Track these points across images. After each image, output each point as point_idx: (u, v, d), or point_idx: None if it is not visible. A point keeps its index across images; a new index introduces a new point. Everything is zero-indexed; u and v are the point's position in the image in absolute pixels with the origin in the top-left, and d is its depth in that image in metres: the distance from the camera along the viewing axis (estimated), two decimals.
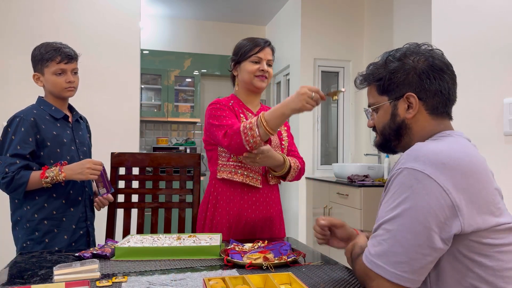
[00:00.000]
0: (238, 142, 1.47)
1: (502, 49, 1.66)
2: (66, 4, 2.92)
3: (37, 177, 1.57)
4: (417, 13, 3.43)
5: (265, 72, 1.66)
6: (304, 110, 1.40)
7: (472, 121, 1.80)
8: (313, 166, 4.30)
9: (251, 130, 1.44)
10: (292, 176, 1.70)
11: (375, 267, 0.88)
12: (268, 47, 1.69)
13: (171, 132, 5.30)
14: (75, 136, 1.75)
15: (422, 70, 0.97)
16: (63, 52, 1.66)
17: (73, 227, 1.69)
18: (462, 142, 0.95)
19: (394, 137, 1.03)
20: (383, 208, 0.91)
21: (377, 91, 1.03)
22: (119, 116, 2.99)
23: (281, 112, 1.42)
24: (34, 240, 1.61)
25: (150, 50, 4.95)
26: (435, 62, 0.98)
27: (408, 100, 0.98)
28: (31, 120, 1.61)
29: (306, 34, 4.26)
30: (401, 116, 1.00)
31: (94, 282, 1.05)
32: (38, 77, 1.69)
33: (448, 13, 1.94)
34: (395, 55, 1.01)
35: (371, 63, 1.06)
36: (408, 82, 0.98)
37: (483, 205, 0.86)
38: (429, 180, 0.85)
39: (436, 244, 0.84)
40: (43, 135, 1.62)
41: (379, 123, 1.05)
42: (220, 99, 1.69)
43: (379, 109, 1.04)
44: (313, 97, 1.39)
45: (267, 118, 1.44)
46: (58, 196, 1.65)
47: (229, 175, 1.62)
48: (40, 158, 1.63)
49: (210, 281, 0.97)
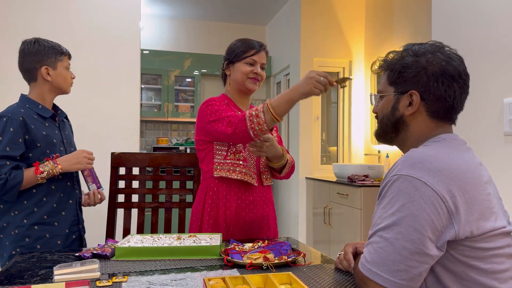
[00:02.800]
0: (243, 130, 1.47)
1: (502, 49, 1.66)
2: (66, 4, 2.92)
3: (31, 174, 1.51)
4: (417, 13, 3.43)
5: (258, 75, 1.67)
6: (312, 94, 1.42)
7: (472, 121, 1.80)
8: (313, 166, 4.30)
9: (257, 117, 1.45)
10: (287, 171, 1.73)
11: (373, 275, 0.87)
12: (263, 51, 1.69)
13: (171, 132, 5.31)
14: (63, 136, 1.70)
15: (433, 72, 0.96)
16: (65, 48, 1.70)
17: (66, 232, 1.63)
18: (457, 147, 0.95)
19: (391, 129, 1.03)
20: (379, 214, 0.90)
21: (387, 80, 1.03)
22: (119, 116, 2.99)
23: (289, 97, 1.44)
24: (25, 247, 1.53)
25: (150, 50, 4.95)
26: (448, 67, 0.95)
27: (410, 97, 0.98)
28: (19, 119, 1.52)
29: (306, 34, 4.26)
30: (401, 111, 1.00)
31: (94, 282, 1.05)
32: (47, 71, 1.63)
33: (448, 13, 1.94)
34: (414, 49, 1.00)
35: (392, 51, 1.05)
36: (416, 80, 0.97)
37: (478, 211, 0.86)
38: (426, 188, 0.85)
39: (432, 251, 0.84)
40: (33, 136, 1.55)
41: (381, 111, 1.05)
42: (214, 98, 1.69)
43: (384, 98, 1.04)
44: (322, 81, 1.40)
45: (274, 104, 1.45)
46: (48, 199, 1.58)
47: (227, 173, 1.62)
48: (29, 160, 1.55)
49: (210, 281, 0.97)
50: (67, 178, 1.66)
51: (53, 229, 1.59)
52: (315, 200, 4.08)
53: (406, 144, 1.02)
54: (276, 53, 5.09)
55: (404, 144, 1.03)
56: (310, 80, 1.40)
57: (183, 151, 5.00)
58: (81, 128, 2.48)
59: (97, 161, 2.53)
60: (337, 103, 4.48)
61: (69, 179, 1.67)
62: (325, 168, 4.34)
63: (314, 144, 4.30)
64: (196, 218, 1.68)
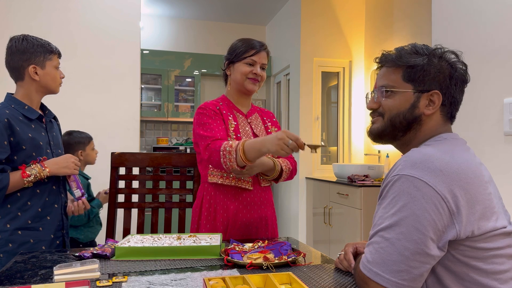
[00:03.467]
0: (216, 160, 1.49)
1: (502, 49, 1.66)
2: (66, 4, 2.92)
3: (18, 177, 1.46)
4: (417, 13, 3.43)
5: (257, 75, 1.65)
6: (278, 155, 1.40)
7: (472, 121, 1.80)
8: (313, 166, 4.30)
9: (229, 154, 1.45)
10: (284, 178, 1.70)
11: (374, 275, 0.87)
12: (264, 51, 1.66)
13: (171, 132, 5.31)
14: (50, 138, 1.64)
15: (455, 76, 0.98)
16: (55, 47, 1.64)
17: (51, 237, 1.57)
18: (458, 146, 0.95)
19: (403, 127, 1.00)
20: (380, 214, 0.90)
21: (403, 76, 1.00)
22: (119, 116, 2.99)
23: (258, 148, 1.43)
24: (9, 253, 1.47)
25: (150, 50, 4.95)
26: (465, 74, 1.01)
27: (431, 96, 0.98)
28: (4, 121, 1.46)
29: (306, 34, 4.26)
30: (421, 110, 0.99)
31: (94, 282, 1.05)
32: (35, 70, 1.57)
33: (448, 13, 1.94)
34: (435, 51, 1.00)
35: (400, 47, 1.03)
36: (439, 80, 0.98)
37: (479, 211, 0.86)
38: (427, 188, 0.84)
39: (433, 252, 0.84)
40: (18, 138, 1.49)
41: (392, 109, 1.00)
42: (208, 103, 1.67)
43: (396, 94, 1.00)
44: (290, 144, 1.37)
45: (246, 148, 1.44)
46: (33, 203, 1.53)
47: (221, 180, 1.62)
48: (14, 163, 1.50)
49: (210, 281, 0.97)
50: (52, 181, 1.61)
51: (38, 234, 1.54)
52: (315, 200, 4.08)
53: (412, 143, 1.01)
54: (276, 53, 5.09)
55: (408, 143, 1.02)
56: (279, 141, 1.37)
57: (183, 151, 5.00)
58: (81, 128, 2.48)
59: (97, 161, 2.55)
60: (337, 103, 4.48)
61: (54, 183, 1.62)
62: (325, 168, 4.34)
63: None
64: (194, 220, 1.69)
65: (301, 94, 4.27)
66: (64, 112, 2.02)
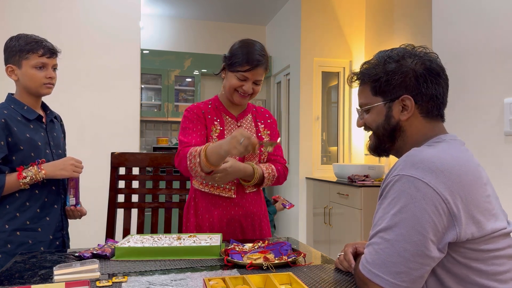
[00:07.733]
0: (184, 166, 1.48)
1: (502, 49, 1.66)
2: (66, 4, 2.92)
3: (14, 179, 1.45)
4: (417, 13, 3.43)
5: (245, 92, 1.57)
6: (232, 153, 1.36)
7: (472, 121, 1.80)
8: (313, 166, 4.30)
9: (194, 158, 1.44)
10: (268, 184, 1.65)
11: (373, 276, 0.87)
12: (260, 67, 1.54)
13: (171, 132, 5.31)
14: (50, 138, 1.62)
15: (420, 74, 0.96)
16: (45, 46, 1.55)
17: (50, 238, 1.56)
18: (458, 148, 0.95)
19: (388, 138, 1.02)
20: (380, 215, 0.90)
21: (371, 91, 1.01)
22: (119, 116, 2.99)
23: (217, 151, 1.40)
24: (7, 253, 1.46)
25: (150, 50, 4.95)
26: (432, 66, 0.97)
27: (403, 102, 0.97)
28: (1, 121, 1.46)
29: (306, 34, 4.26)
30: (396, 118, 0.99)
31: (94, 282, 1.05)
32: (12, 70, 1.53)
33: (448, 13, 1.93)
34: (392, 55, 0.99)
35: (365, 62, 1.04)
36: (405, 84, 0.97)
37: (479, 213, 0.86)
38: (428, 188, 0.84)
39: (433, 253, 0.84)
40: (16, 139, 1.48)
41: (372, 123, 1.03)
42: (195, 106, 1.64)
43: (371, 110, 1.02)
44: (242, 142, 1.32)
45: (208, 152, 1.41)
46: (32, 204, 1.52)
47: (200, 186, 1.62)
48: (12, 163, 1.49)
49: (210, 281, 0.97)
50: (52, 182, 1.59)
51: (36, 235, 1.53)
52: (315, 200, 4.08)
53: (404, 150, 1.00)
54: (276, 53, 5.09)
55: (401, 151, 1.01)
56: (231, 140, 1.34)
57: None
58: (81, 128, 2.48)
59: (97, 161, 2.55)
60: (337, 103, 4.48)
61: (54, 184, 1.60)
62: (325, 168, 4.34)
63: (314, 144, 4.30)
64: (184, 221, 1.70)
65: (301, 94, 4.27)
66: (64, 112, 2.01)
